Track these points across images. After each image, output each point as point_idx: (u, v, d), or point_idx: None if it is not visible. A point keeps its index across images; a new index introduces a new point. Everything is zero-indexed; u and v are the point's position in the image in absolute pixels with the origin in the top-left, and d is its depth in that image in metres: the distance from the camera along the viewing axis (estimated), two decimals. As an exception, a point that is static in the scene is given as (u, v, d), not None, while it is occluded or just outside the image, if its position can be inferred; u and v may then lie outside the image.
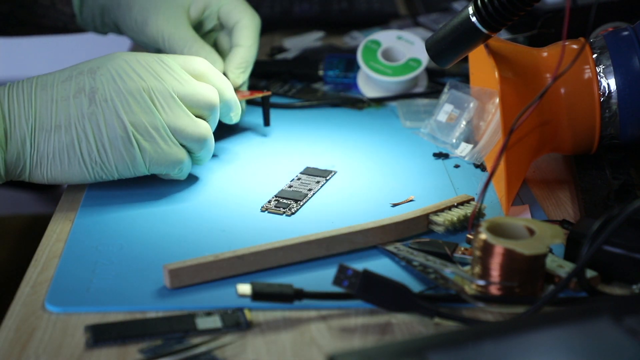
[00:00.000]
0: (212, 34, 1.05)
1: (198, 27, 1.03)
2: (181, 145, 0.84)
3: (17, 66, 2.46)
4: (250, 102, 1.07)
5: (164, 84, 0.83)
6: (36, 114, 0.81)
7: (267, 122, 1.02)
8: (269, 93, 1.01)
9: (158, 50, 1.01)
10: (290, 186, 0.89)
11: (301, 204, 0.86)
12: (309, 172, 0.92)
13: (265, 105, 1.02)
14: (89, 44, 1.82)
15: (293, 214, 0.84)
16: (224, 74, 0.98)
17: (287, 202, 0.86)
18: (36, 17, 1.09)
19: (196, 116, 0.85)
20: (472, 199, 0.84)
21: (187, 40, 0.99)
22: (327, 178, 0.91)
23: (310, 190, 0.88)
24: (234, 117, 0.92)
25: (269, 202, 0.86)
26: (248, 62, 1.01)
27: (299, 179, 0.91)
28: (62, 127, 0.81)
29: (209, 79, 0.87)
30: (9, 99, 0.81)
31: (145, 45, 1.03)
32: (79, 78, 0.82)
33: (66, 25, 1.08)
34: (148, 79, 0.82)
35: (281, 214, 0.84)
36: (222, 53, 1.05)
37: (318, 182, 0.90)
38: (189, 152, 0.86)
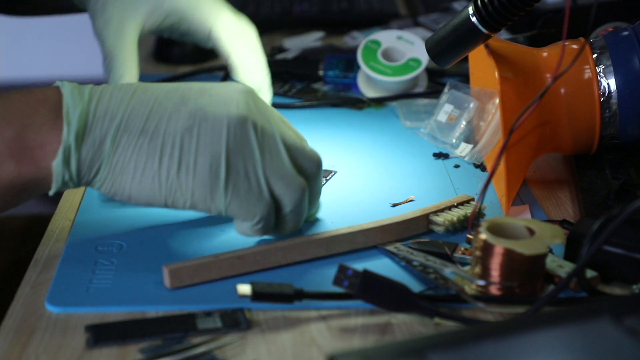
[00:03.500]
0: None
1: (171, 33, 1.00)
2: (272, 197, 0.75)
3: (23, 46, 2.46)
4: None
5: (274, 127, 0.75)
6: (126, 114, 0.73)
7: None
8: None
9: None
10: None
11: None
12: None
13: None
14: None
15: None
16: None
17: None
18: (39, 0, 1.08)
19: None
20: (472, 199, 0.84)
21: (113, 49, 0.93)
22: (327, 178, 0.91)
23: None
24: (312, 212, 0.82)
25: None
26: (263, 79, 0.99)
27: None
28: (149, 135, 0.73)
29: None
30: (100, 96, 0.73)
31: None
32: (186, 92, 0.75)
33: (71, 6, 1.07)
34: (258, 115, 0.74)
35: None
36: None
37: None
38: (278, 208, 0.76)
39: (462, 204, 0.83)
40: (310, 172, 0.77)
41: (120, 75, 0.92)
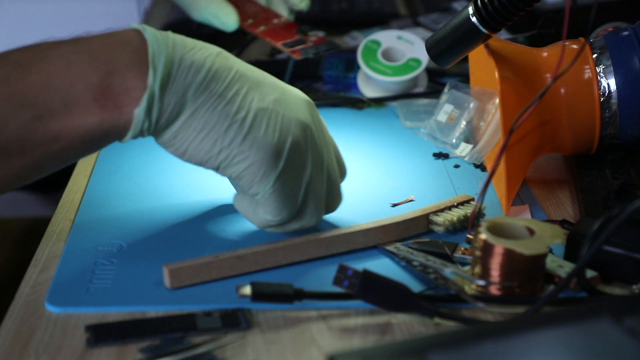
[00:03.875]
0: None
1: None
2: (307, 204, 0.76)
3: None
4: None
5: (323, 148, 0.77)
6: (211, 72, 0.71)
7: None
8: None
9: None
10: None
11: None
12: None
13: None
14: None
15: None
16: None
17: None
18: None
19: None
20: (472, 199, 0.84)
21: None
22: None
23: None
24: None
25: None
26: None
27: None
28: (227, 100, 0.71)
29: None
30: (185, 45, 0.71)
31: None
32: (262, 77, 0.75)
33: None
34: (315, 129, 0.76)
35: None
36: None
37: None
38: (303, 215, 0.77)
39: (462, 204, 0.83)
40: (327, 208, 0.79)
41: (214, 11, 0.98)
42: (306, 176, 0.75)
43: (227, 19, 1.02)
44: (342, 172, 0.81)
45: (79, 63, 0.69)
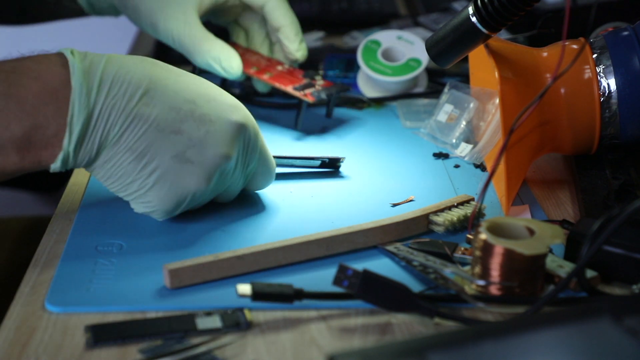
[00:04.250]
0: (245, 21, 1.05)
1: (218, 15, 1.04)
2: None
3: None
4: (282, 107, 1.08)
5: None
6: (124, 126, 0.76)
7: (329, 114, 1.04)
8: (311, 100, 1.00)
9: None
10: None
11: None
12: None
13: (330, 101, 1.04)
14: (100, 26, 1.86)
15: None
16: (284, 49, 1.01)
17: None
18: (47, 13, 1.09)
19: None
20: (472, 199, 0.84)
21: (195, 38, 0.98)
22: (338, 165, 0.91)
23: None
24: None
25: None
26: (298, 33, 1.02)
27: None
28: (137, 154, 0.77)
29: None
30: (110, 88, 0.76)
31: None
32: (185, 121, 0.78)
33: (70, 11, 1.08)
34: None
35: None
36: (254, 37, 1.05)
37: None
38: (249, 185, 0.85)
39: (462, 204, 0.83)
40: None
41: (216, 55, 0.96)
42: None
43: (231, 64, 0.99)
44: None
45: (7, 112, 0.74)
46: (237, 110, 0.79)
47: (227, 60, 0.98)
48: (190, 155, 0.77)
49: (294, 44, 1.02)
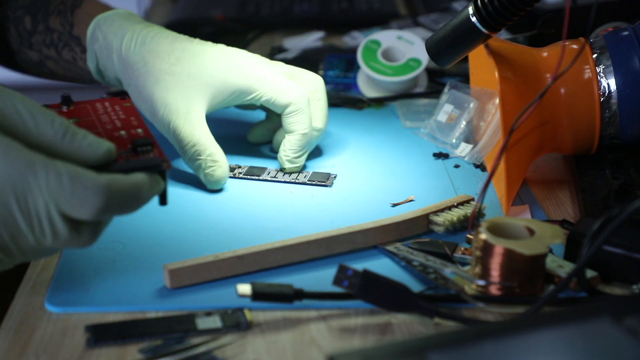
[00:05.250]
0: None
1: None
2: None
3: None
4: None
5: None
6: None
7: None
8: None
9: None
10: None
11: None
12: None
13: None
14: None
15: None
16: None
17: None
18: (62, 70, 1.03)
19: None
20: (472, 199, 0.84)
21: (191, 139, 0.88)
22: (328, 184, 0.90)
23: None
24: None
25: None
26: (302, 147, 0.91)
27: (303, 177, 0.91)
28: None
29: None
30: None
31: None
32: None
33: (91, 79, 1.01)
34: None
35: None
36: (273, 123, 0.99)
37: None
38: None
39: (462, 204, 0.83)
40: None
41: (212, 164, 0.87)
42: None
43: (215, 174, 0.88)
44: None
45: None
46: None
47: (213, 169, 0.88)
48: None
49: (292, 154, 0.91)
